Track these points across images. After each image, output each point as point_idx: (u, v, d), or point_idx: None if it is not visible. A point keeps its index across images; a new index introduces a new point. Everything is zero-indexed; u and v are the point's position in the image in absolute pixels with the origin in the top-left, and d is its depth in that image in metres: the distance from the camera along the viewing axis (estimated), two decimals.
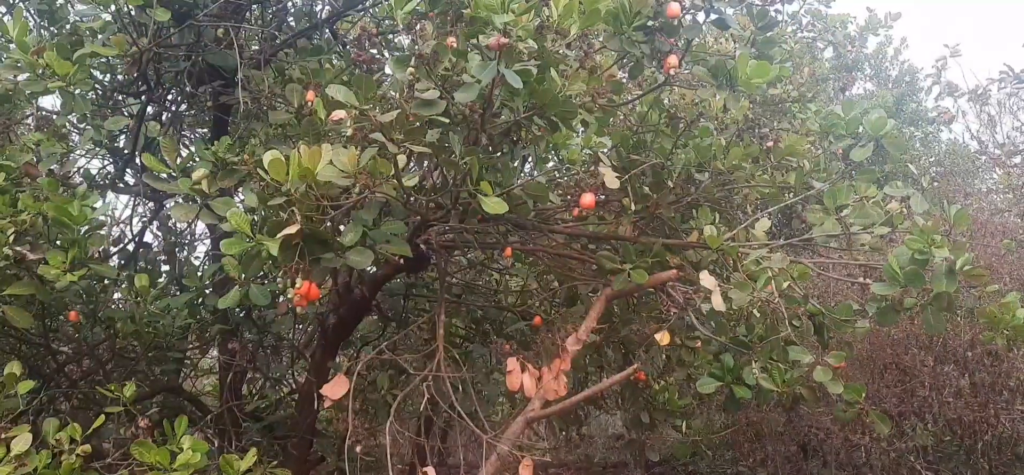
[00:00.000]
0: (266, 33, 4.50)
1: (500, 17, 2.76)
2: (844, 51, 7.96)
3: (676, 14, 3.50)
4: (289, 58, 4.25)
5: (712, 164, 4.29)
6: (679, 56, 3.67)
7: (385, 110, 3.20)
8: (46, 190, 3.66)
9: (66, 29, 4.84)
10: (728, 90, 3.75)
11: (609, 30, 3.59)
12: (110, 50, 3.50)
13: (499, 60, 2.88)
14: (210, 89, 4.22)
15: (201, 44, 3.98)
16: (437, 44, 3.19)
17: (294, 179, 3.04)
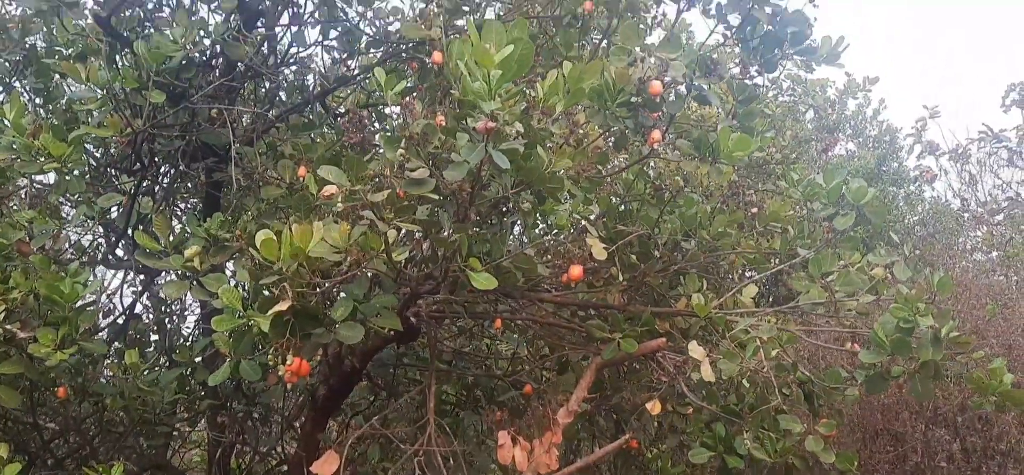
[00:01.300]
0: (259, 108, 4.57)
1: (488, 104, 2.83)
2: (825, 114, 8.14)
3: (658, 91, 3.59)
4: (281, 133, 4.32)
5: (698, 232, 4.35)
6: (662, 130, 3.76)
7: (375, 188, 3.26)
8: (38, 268, 3.68)
9: (61, 105, 4.93)
10: (711, 163, 3.83)
11: (593, 106, 3.69)
12: (105, 131, 3.56)
13: (487, 142, 2.95)
14: (203, 165, 4.27)
15: (195, 123, 4.05)
16: (427, 124, 3.26)
17: (286, 258, 3.07)
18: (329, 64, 5.44)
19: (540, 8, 4.84)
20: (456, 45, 3.12)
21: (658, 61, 3.77)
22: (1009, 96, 8.15)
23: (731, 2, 4.24)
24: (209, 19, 4.44)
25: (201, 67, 4.11)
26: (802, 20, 4.30)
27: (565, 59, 4.64)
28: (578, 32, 4.66)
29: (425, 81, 4.96)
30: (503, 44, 2.85)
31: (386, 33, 5.40)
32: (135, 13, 4.27)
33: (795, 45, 4.35)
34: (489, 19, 4.67)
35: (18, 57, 4.87)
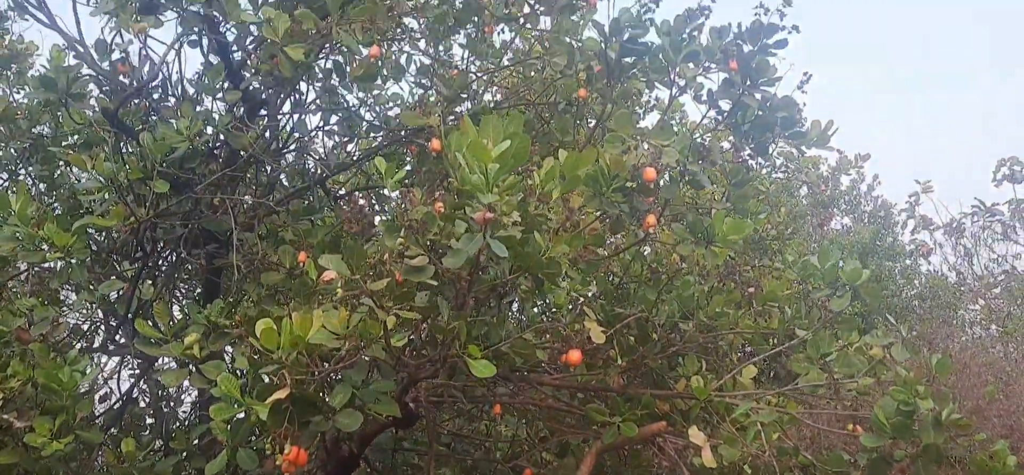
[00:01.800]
0: (260, 193, 4.64)
1: (486, 196, 2.88)
2: (819, 190, 8.26)
3: (652, 178, 3.67)
4: (282, 218, 4.38)
5: (696, 313, 4.37)
6: (658, 214, 3.83)
7: (375, 275, 3.29)
8: (37, 356, 3.68)
9: (65, 192, 5.01)
10: (706, 246, 3.88)
11: (589, 192, 3.75)
12: (109, 221, 3.61)
13: (485, 232, 2.99)
14: (204, 251, 4.32)
15: (197, 210, 4.11)
16: (426, 212, 3.31)
17: (286, 347, 3.09)
18: (329, 147, 5.55)
19: (536, 95, 4.97)
20: (454, 137, 3.19)
21: (652, 147, 3.86)
22: (999, 171, 8.30)
23: (721, 89, 4.37)
24: (213, 109, 4.56)
25: (204, 156, 4.19)
26: (792, 105, 4.41)
27: (561, 144, 4.76)
28: (573, 118, 4.77)
29: (424, 164, 5.06)
30: (500, 138, 2.92)
31: (385, 118, 5.53)
32: (141, 104, 4.37)
33: (785, 129, 4.46)
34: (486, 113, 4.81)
35: (25, 145, 4.97)
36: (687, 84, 4.44)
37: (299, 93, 5.07)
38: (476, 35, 5.24)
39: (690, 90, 4.51)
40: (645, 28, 4.37)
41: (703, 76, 4.42)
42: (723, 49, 4.34)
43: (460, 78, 4.76)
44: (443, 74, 4.98)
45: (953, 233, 9.05)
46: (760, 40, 4.34)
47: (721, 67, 4.34)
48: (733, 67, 4.30)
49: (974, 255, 9.05)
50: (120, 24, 3.82)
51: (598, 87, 4.54)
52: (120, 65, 4.57)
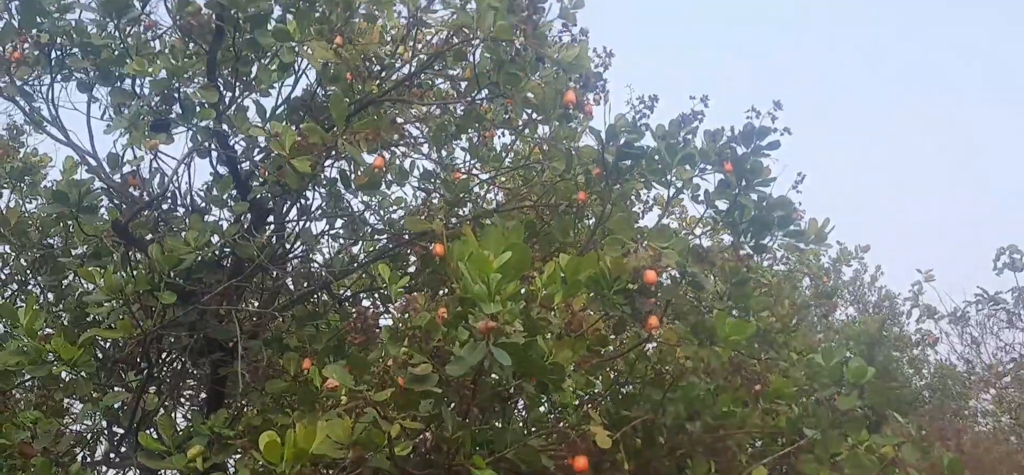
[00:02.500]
0: (265, 299, 4.69)
1: (489, 306, 2.93)
2: (821, 281, 8.29)
3: (653, 280, 3.71)
4: (287, 324, 4.41)
5: (702, 413, 4.35)
6: (660, 316, 3.85)
7: (378, 384, 3.31)
8: (40, 471, 3.67)
9: (71, 300, 5.06)
10: (709, 346, 3.90)
11: (591, 294, 3.79)
12: (116, 333, 3.66)
13: (488, 341, 3.02)
14: (209, 360, 4.34)
15: (203, 320, 4.16)
16: (430, 320, 3.35)
17: (289, 460, 3.08)
18: (334, 250, 5.64)
19: (537, 196, 5.07)
20: (457, 246, 3.26)
21: (652, 250, 3.92)
22: (1000, 259, 8.34)
23: (718, 189, 4.46)
24: (220, 218, 4.66)
25: (211, 266, 4.26)
26: (788, 205, 4.49)
27: (561, 245, 4.83)
28: (573, 219, 4.85)
29: (427, 267, 5.13)
30: (501, 248, 2.98)
31: (389, 221, 5.63)
32: (151, 215, 4.47)
33: (783, 227, 4.53)
34: (488, 215, 4.91)
35: (36, 255, 5.06)
36: (684, 185, 4.53)
37: (305, 199, 5.19)
38: (477, 140, 5.39)
39: (687, 191, 4.60)
40: (640, 133, 4.50)
41: (699, 177, 4.52)
42: (718, 151, 4.45)
43: (462, 182, 4.88)
44: (446, 178, 5.10)
45: (958, 322, 9.04)
46: (753, 142, 4.45)
47: (716, 168, 4.44)
48: (728, 169, 4.39)
49: (981, 343, 9.02)
50: (133, 141, 3.95)
51: (597, 189, 4.63)
52: (131, 178, 4.70)
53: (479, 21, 4.00)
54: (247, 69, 4.56)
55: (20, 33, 4.57)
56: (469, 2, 4.62)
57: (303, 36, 4.23)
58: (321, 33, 4.48)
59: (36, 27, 4.60)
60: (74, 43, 4.63)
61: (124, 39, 4.47)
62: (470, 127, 5.11)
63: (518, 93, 4.19)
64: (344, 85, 4.46)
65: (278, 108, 4.97)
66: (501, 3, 4.06)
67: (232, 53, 4.46)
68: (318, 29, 4.47)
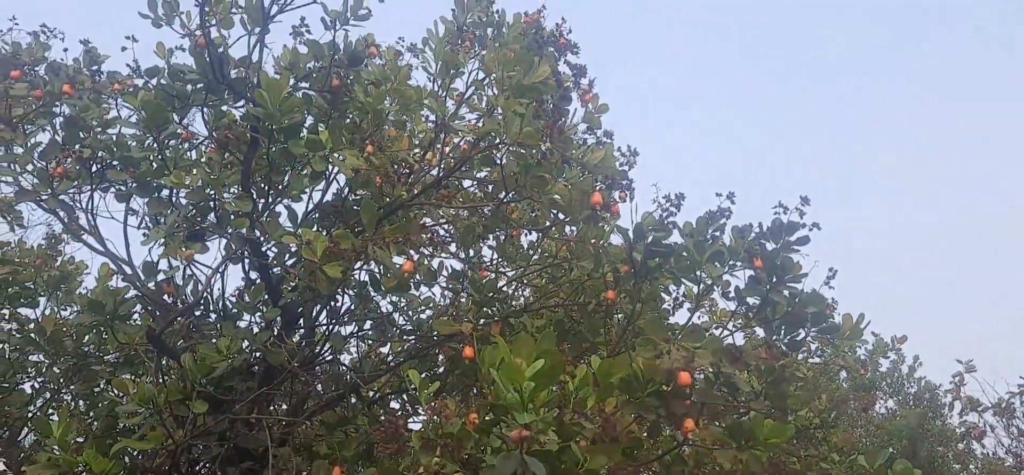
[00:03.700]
0: (294, 404, 4.68)
1: (523, 415, 2.89)
2: (858, 374, 8.09)
3: (687, 382, 3.65)
4: (316, 430, 4.38)
5: None
6: (696, 418, 3.77)
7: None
8: None
9: (102, 408, 5.08)
10: (748, 449, 3.79)
11: (624, 397, 3.73)
12: (147, 444, 3.65)
13: (521, 450, 2.97)
14: (239, 470, 4.30)
15: (234, 429, 4.15)
16: (461, 429, 3.31)
17: None
18: (362, 352, 5.63)
19: (565, 295, 5.06)
20: (487, 352, 3.24)
21: (684, 350, 3.87)
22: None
23: (748, 286, 4.41)
24: (251, 323, 4.69)
25: (241, 373, 4.28)
26: (821, 301, 4.42)
27: (591, 345, 4.79)
28: (602, 318, 4.82)
29: (456, 368, 5.10)
30: (533, 356, 2.96)
31: (418, 322, 5.63)
32: (184, 322, 4.52)
33: (817, 324, 4.46)
34: (517, 315, 4.90)
35: (70, 364, 5.11)
36: (714, 282, 4.50)
37: (334, 302, 5.22)
38: (504, 239, 5.43)
39: (717, 288, 4.57)
40: (668, 231, 4.50)
41: (729, 274, 4.49)
42: (747, 248, 4.43)
43: (490, 281, 4.88)
44: (473, 277, 5.11)
45: (1003, 414, 8.73)
46: (782, 238, 4.43)
47: (746, 265, 4.42)
48: (758, 265, 4.36)
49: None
50: (169, 252, 4.03)
51: (626, 288, 4.62)
52: (165, 285, 4.77)
53: (506, 127, 4.08)
54: (280, 177, 4.67)
55: (64, 149, 4.74)
56: (495, 108, 4.75)
57: (335, 145, 4.34)
58: (352, 141, 4.61)
59: (79, 142, 4.78)
60: (114, 156, 4.79)
61: (163, 151, 4.61)
62: (497, 227, 5.16)
63: (545, 195, 4.23)
64: (374, 189, 4.55)
65: (309, 213, 5.07)
66: (527, 109, 4.15)
67: (266, 162, 4.58)
68: (349, 137, 4.59)
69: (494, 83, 4.60)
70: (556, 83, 4.43)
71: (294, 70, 4.76)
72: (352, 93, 4.78)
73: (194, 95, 4.80)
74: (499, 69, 4.33)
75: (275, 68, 4.93)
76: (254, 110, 4.36)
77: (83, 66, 5.27)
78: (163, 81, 4.85)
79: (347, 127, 4.73)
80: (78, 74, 5.14)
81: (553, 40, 5.12)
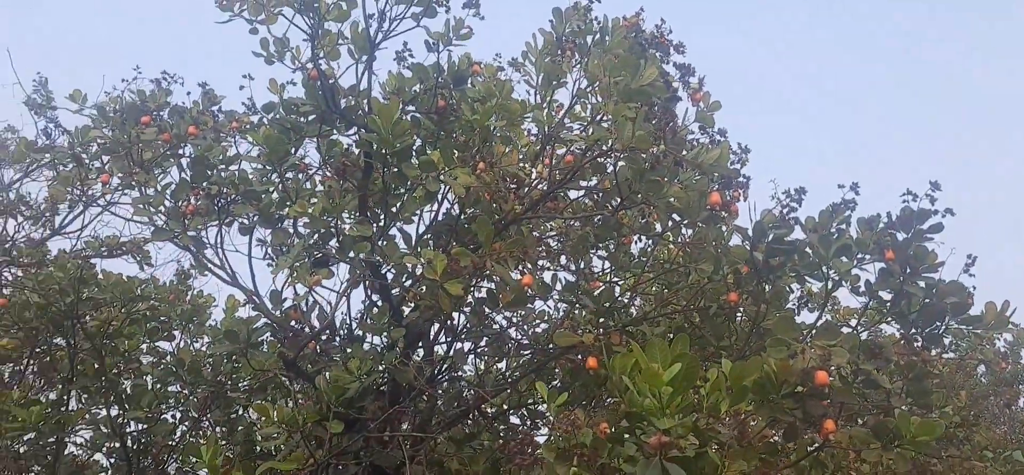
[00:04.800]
0: (420, 422, 4.76)
1: (661, 421, 2.84)
2: (997, 368, 7.59)
3: (825, 381, 3.51)
4: (445, 446, 4.44)
5: None
6: (835, 419, 3.62)
7: None
8: None
9: (239, 434, 5.31)
10: (895, 448, 3.61)
11: (757, 400, 3.62)
12: (290, 464, 3.78)
13: (660, 456, 2.92)
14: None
15: (367, 448, 4.25)
16: (594, 438, 3.28)
17: None
18: (480, 369, 5.69)
19: (684, 301, 4.96)
20: (618, 360, 3.21)
21: (820, 349, 3.72)
22: None
23: (880, 279, 4.21)
24: (375, 345, 4.81)
25: (370, 393, 4.39)
26: (961, 290, 4.17)
27: (715, 349, 4.67)
28: (726, 322, 4.70)
29: (576, 380, 5.07)
30: (668, 361, 2.91)
31: (534, 336, 5.64)
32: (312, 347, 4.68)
33: (957, 315, 4.21)
34: (638, 324, 4.84)
35: (207, 392, 5.37)
36: (841, 278, 4.32)
37: (451, 320, 5.29)
38: (614, 247, 5.38)
39: (845, 283, 4.38)
40: (790, 227, 4.36)
41: (858, 268, 4.30)
42: (875, 240, 4.23)
43: (607, 291, 4.84)
44: (588, 289, 5.08)
45: None
46: (913, 226, 4.21)
47: (875, 257, 4.22)
48: (889, 257, 4.16)
49: None
50: (296, 279, 4.18)
51: (748, 289, 4.49)
52: (292, 311, 4.95)
53: (617, 133, 4.05)
54: (395, 201, 4.78)
55: (193, 188, 5.00)
56: (599, 115, 4.72)
57: (446, 165, 4.41)
58: (462, 160, 4.67)
59: (206, 180, 5.04)
60: (238, 191, 5.03)
61: (283, 182, 4.80)
62: (608, 236, 5.12)
63: (660, 199, 4.17)
64: (486, 206, 4.59)
65: (422, 235, 5.18)
66: (637, 113, 4.11)
67: (380, 186, 4.70)
68: (459, 156, 4.66)
69: (598, 91, 4.58)
70: (664, 85, 4.37)
71: (401, 94, 4.88)
72: (458, 112, 4.85)
73: (308, 127, 4.98)
74: (605, 75, 4.30)
75: (382, 94, 5.06)
76: (366, 136, 4.49)
77: (203, 107, 5.56)
78: (278, 115, 5.05)
79: (455, 146, 4.80)
80: (200, 115, 5.42)
81: (655, 41, 5.06)
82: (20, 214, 6.64)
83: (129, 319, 5.60)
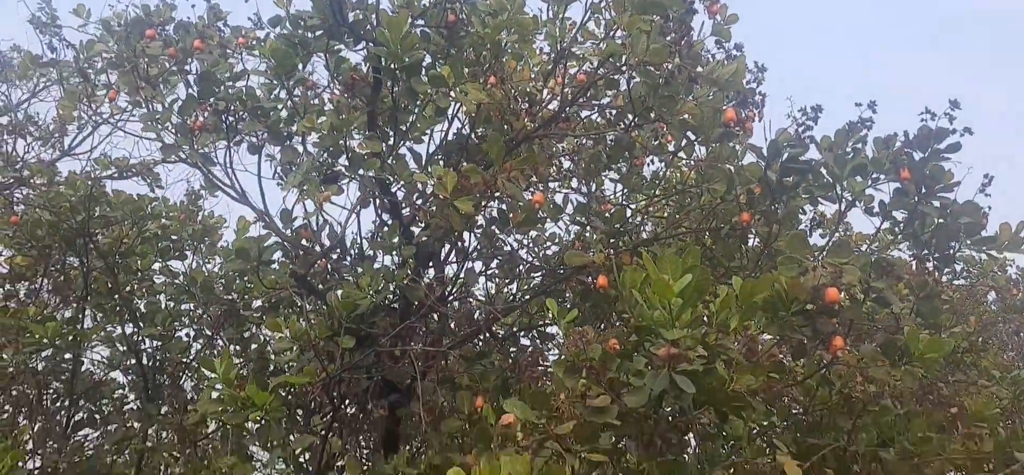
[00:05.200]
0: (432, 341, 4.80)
1: (671, 332, 2.85)
2: (1008, 295, 7.56)
3: (836, 298, 3.49)
4: (456, 364, 4.48)
5: (896, 439, 4.04)
6: (844, 336, 3.62)
7: (555, 418, 3.28)
8: None
9: (252, 352, 5.38)
10: (903, 366, 3.62)
11: (767, 318, 3.62)
12: (303, 379, 3.83)
13: (669, 367, 2.94)
14: (386, 402, 4.47)
15: (379, 363, 4.30)
16: (603, 353, 3.30)
17: None
18: (491, 291, 5.71)
19: (695, 222, 4.94)
20: (628, 274, 3.20)
21: (831, 267, 3.70)
22: None
23: (895, 199, 4.17)
24: (385, 264, 4.82)
25: (382, 310, 4.41)
26: (975, 210, 4.13)
27: (727, 270, 4.66)
28: (737, 242, 4.68)
29: (587, 301, 5.08)
30: (679, 273, 2.90)
31: (545, 257, 5.64)
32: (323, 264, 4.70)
33: (971, 235, 4.17)
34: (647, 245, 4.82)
35: (220, 311, 5.42)
36: (855, 198, 4.28)
37: (462, 241, 5.29)
38: (627, 169, 5.33)
39: (859, 204, 4.34)
40: (805, 146, 4.30)
41: (872, 188, 4.25)
42: (891, 159, 4.17)
43: (618, 211, 4.81)
44: (599, 210, 5.05)
45: None
46: (930, 146, 4.14)
47: (891, 177, 4.17)
48: (905, 176, 4.11)
49: None
50: (308, 195, 4.16)
51: (760, 209, 4.45)
52: (302, 230, 4.96)
53: (632, 47, 3.97)
54: (404, 118, 4.73)
55: (200, 103, 4.96)
56: (613, 29, 4.62)
57: (457, 80, 4.35)
58: (473, 76, 4.60)
59: (213, 96, 4.99)
60: (245, 108, 4.98)
61: (292, 98, 4.75)
62: (620, 157, 5.06)
63: (675, 117, 4.11)
64: (497, 124, 4.54)
65: (433, 154, 5.13)
66: (652, 27, 4.02)
67: (390, 102, 4.64)
68: (470, 72, 4.58)
69: (613, 4, 4.46)
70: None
71: (410, 8, 4.77)
72: (468, 26, 4.75)
73: (316, 42, 4.90)
74: None
75: (391, 7, 4.96)
76: (375, 50, 4.42)
77: (208, 22, 5.46)
78: (285, 30, 4.96)
79: (466, 62, 4.72)
80: (206, 30, 5.33)
81: None
82: (29, 134, 6.63)
83: (141, 238, 5.62)
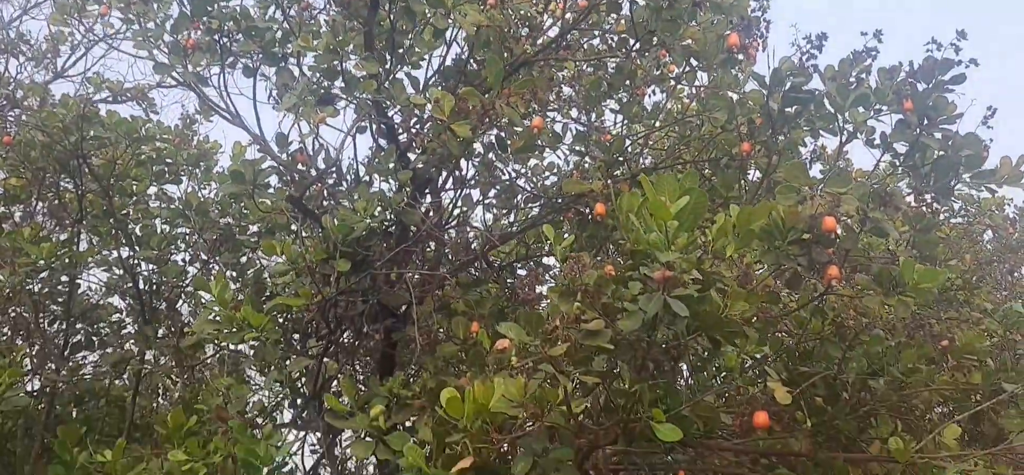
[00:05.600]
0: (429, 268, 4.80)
1: (665, 255, 2.84)
2: (1004, 233, 7.56)
3: (833, 227, 3.48)
4: (452, 291, 4.49)
5: (886, 369, 4.08)
6: (839, 266, 3.62)
7: (549, 342, 3.30)
8: (236, 432, 3.92)
9: (250, 277, 5.38)
10: (897, 296, 3.63)
11: (763, 246, 3.61)
12: (298, 301, 3.84)
13: (663, 291, 2.94)
14: (382, 326, 4.50)
15: (375, 287, 4.30)
16: (598, 278, 3.30)
17: (470, 416, 3.13)
18: (488, 220, 5.70)
19: (695, 152, 4.90)
20: (625, 199, 3.18)
21: (829, 196, 3.69)
22: None
23: (896, 131, 4.12)
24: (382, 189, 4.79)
25: (378, 235, 4.40)
26: (976, 143, 4.09)
27: (725, 200, 4.65)
28: (736, 172, 4.66)
29: (584, 230, 5.08)
30: (676, 196, 2.88)
31: (543, 187, 5.62)
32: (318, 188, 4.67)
33: (971, 168, 4.15)
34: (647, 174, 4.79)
35: (215, 236, 5.40)
36: (857, 129, 4.24)
37: (459, 169, 5.26)
38: (628, 99, 5.27)
39: (861, 135, 4.30)
40: (808, 76, 4.24)
41: (874, 119, 4.21)
42: (895, 90, 4.12)
43: (618, 140, 4.78)
44: (598, 140, 5.01)
45: None
46: (935, 77, 4.09)
47: (893, 109, 4.12)
48: (908, 107, 4.06)
49: None
50: (303, 116, 4.11)
51: (761, 140, 4.42)
52: (298, 155, 4.91)
53: None
54: (402, 40, 4.65)
55: (193, 21, 4.87)
56: None
57: (456, 1, 4.26)
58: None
59: (206, 15, 4.90)
60: (239, 28, 4.89)
61: (287, 17, 4.66)
62: (621, 86, 5.00)
63: (677, 41, 4.04)
64: (496, 48, 4.46)
65: (430, 79, 5.07)
66: None
67: (388, 24, 4.56)
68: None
69: None
70: None
71: None
72: None
73: None
74: None
75: None
76: None
77: None
78: None
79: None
80: None
81: None
82: (21, 54, 6.51)
83: (135, 161, 5.57)
